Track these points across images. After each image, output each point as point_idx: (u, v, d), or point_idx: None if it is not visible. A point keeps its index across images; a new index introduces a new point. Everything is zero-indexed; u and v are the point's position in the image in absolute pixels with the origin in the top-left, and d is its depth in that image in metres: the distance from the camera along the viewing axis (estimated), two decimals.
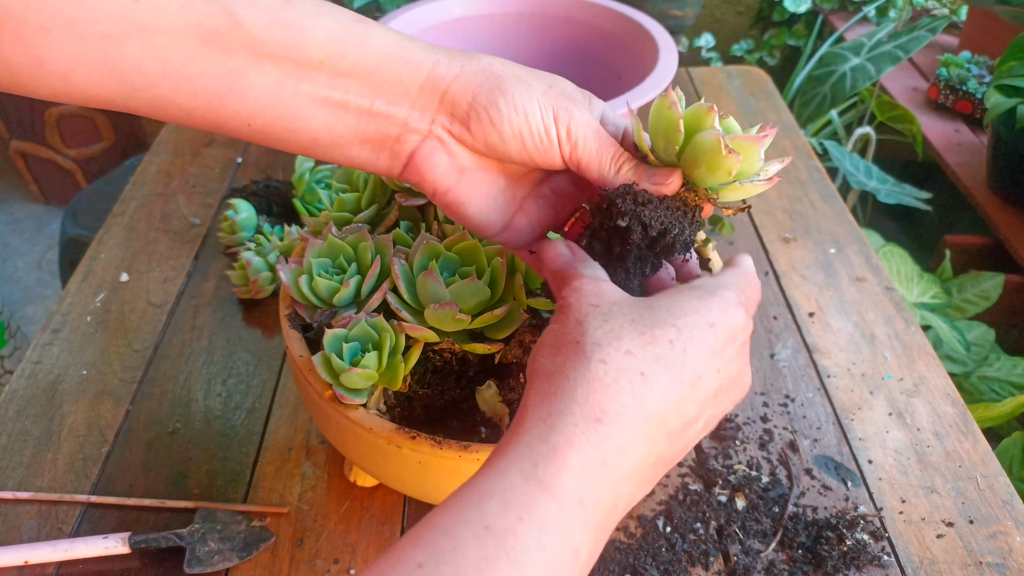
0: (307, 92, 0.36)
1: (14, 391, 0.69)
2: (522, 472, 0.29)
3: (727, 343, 0.34)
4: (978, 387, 1.25)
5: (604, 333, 0.32)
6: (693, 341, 0.33)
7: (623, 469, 0.31)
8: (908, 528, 0.59)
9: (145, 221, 0.90)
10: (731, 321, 0.34)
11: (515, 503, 0.29)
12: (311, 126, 0.37)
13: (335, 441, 0.52)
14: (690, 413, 0.33)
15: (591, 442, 0.30)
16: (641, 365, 0.32)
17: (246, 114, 0.36)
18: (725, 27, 2.53)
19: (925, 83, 1.93)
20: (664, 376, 0.32)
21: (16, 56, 0.32)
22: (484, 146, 0.38)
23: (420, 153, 0.39)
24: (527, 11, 0.93)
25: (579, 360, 0.32)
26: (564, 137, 0.38)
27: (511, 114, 0.37)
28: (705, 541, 0.58)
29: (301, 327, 0.52)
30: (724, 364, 0.34)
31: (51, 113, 2.09)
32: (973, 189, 1.59)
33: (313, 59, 0.35)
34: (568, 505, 0.29)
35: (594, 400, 0.31)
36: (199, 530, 0.57)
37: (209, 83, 0.34)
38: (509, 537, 0.28)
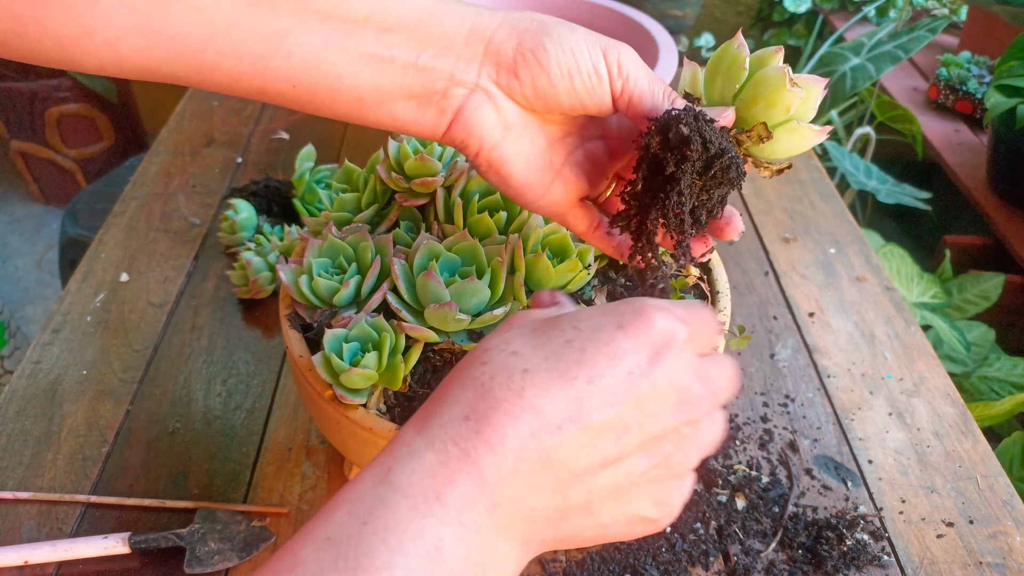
0: (353, 48, 0.35)
1: (14, 391, 0.69)
2: (375, 477, 0.28)
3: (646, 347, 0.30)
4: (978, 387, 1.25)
5: (498, 340, 0.31)
6: (594, 342, 0.29)
7: (496, 464, 0.28)
8: (908, 528, 0.59)
9: (145, 221, 0.90)
10: (649, 324, 0.30)
11: (361, 508, 0.27)
12: (357, 83, 0.36)
13: (335, 441, 0.52)
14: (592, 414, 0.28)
15: (453, 439, 0.28)
16: (525, 363, 0.29)
17: (292, 75, 0.35)
18: (725, 27, 2.53)
19: (925, 83, 1.93)
20: (551, 372, 0.29)
21: (66, 27, 0.32)
22: (532, 92, 0.38)
23: (467, 107, 0.38)
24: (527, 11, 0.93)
25: (463, 367, 0.30)
26: (616, 71, 0.37)
27: (559, 53, 0.37)
28: (705, 541, 0.58)
29: (301, 327, 0.52)
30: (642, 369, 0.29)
31: (51, 113, 2.09)
32: (973, 189, 1.59)
33: (358, 15, 0.35)
34: (421, 502, 0.27)
35: (464, 399, 0.29)
36: (199, 530, 0.57)
37: (254, 45, 0.34)
38: (349, 544, 0.26)
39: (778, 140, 0.38)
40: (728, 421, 0.68)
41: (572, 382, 0.29)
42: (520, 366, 0.29)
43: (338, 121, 0.85)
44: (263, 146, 1.05)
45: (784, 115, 0.37)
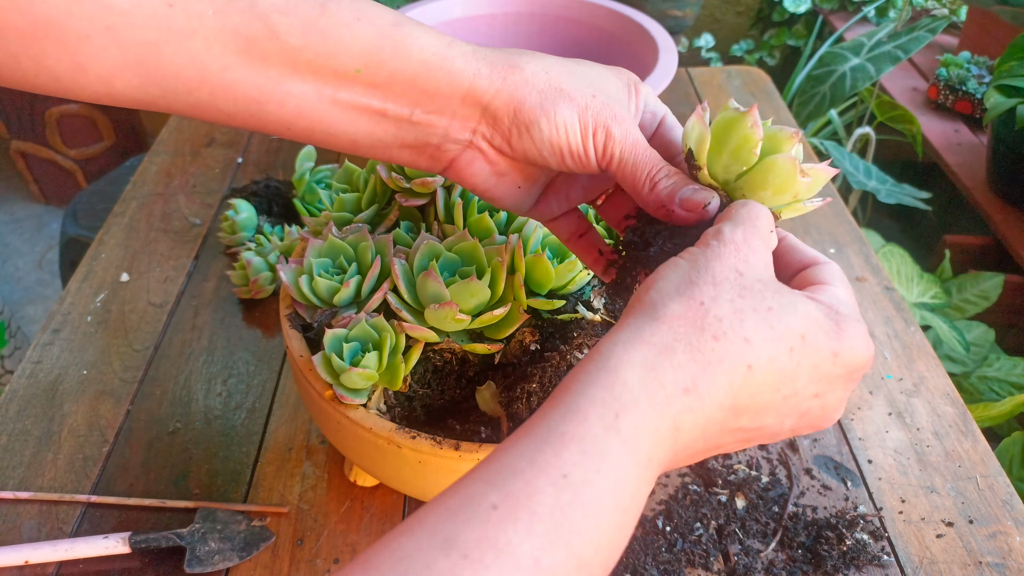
0: (346, 100, 0.36)
1: (14, 391, 0.70)
2: (602, 420, 0.28)
3: (842, 376, 0.33)
4: (978, 387, 1.25)
5: (732, 310, 0.31)
6: (810, 359, 0.32)
7: (688, 441, 0.31)
8: (908, 528, 0.59)
9: (145, 221, 0.90)
10: (857, 358, 0.33)
11: (594, 453, 0.28)
12: (351, 131, 0.37)
13: (335, 441, 0.52)
14: (768, 420, 0.33)
15: (671, 408, 0.29)
16: (752, 358, 0.31)
17: (287, 119, 0.36)
18: (725, 27, 2.53)
19: (925, 83, 1.93)
20: (767, 377, 0.31)
21: (60, 64, 0.32)
22: (523, 159, 0.39)
23: (461, 161, 0.39)
24: (527, 11, 0.94)
25: (694, 323, 0.31)
26: (601, 154, 0.38)
27: (552, 133, 0.37)
28: (705, 541, 0.58)
29: (301, 327, 0.52)
30: (827, 393, 0.33)
31: (51, 113, 2.09)
32: (973, 189, 1.59)
33: (350, 69, 0.35)
34: (640, 462, 0.29)
35: (690, 370, 0.30)
36: (199, 530, 0.57)
37: (248, 90, 0.35)
38: (586, 489, 0.27)
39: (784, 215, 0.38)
40: None
41: (775, 393, 0.32)
42: (747, 359, 0.31)
43: None
44: (263, 146, 1.05)
45: (791, 200, 0.37)
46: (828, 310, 0.33)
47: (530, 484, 0.26)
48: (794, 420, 0.33)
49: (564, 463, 0.27)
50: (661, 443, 0.29)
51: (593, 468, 0.27)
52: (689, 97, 1.18)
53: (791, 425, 0.34)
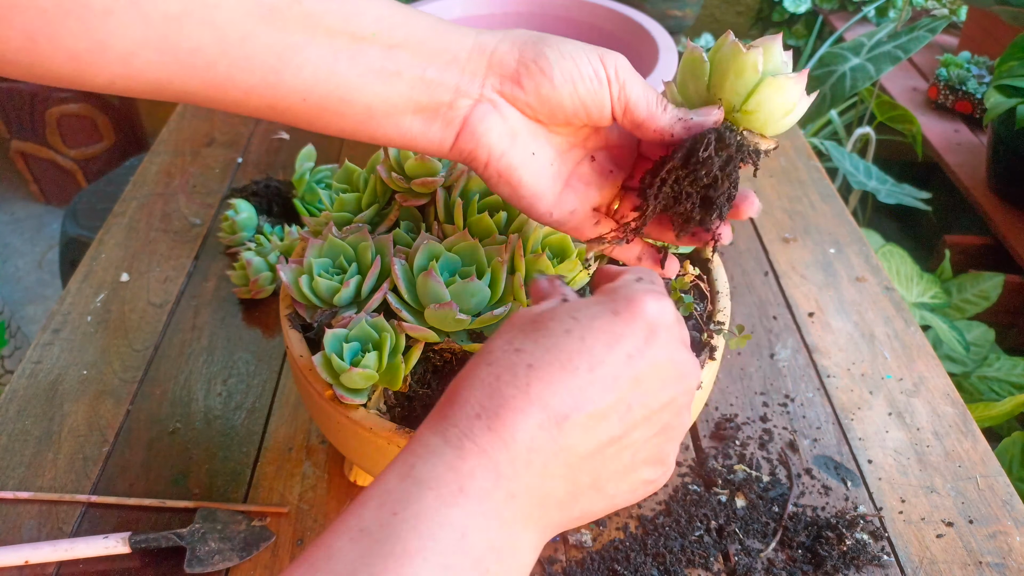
0: (362, 63, 0.37)
1: (14, 391, 0.70)
2: (399, 474, 0.29)
3: (642, 330, 0.32)
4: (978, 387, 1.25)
5: (501, 340, 0.32)
6: (592, 329, 0.31)
7: (510, 457, 0.29)
8: (908, 528, 0.59)
9: (145, 221, 0.90)
10: (641, 308, 0.32)
11: (389, 501, 0.28)
12: (366, 96, 0.38)
13: (335, 441, 0.52)
14: (597, 400, 0.30)
15: (468, 436, 0.29)
16: (529, 358, 0.30)
17: (303, 88, 0.36)
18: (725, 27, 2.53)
19: (925, 83, 1.93)
20: (554, 364, 0.30)
21: (80, 42, 0.32)
22: (537, 99, 0.39)
23: (474, 116, 0.39)
24: (527, 11, 0.94)
25: (470, 369, 0.31)
26: (613, 77, 0.39)
27: (560, 60, 0.38)
28: (705, 541, 0.58)
29: (301, 327, 0.52)
30: (639, 350, 0.31)
31: (51, 113, 2.09)
32: (973, 189, 1.59)
33: (366, 32, 0.36)
34: (445, 493, 0.28)
35: (475, 399, 0.30)
36: (199, 530, 0.57)
37: (267, 59, 0.35)
38: (383, 531, 0.27)
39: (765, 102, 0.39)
40: (728, 421, 0.68)
41: (575, 372, 0.30)
42: (524, 362, 0.30)
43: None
44: (263, 146, 1.05)
45: (755, 75, 0.38)
46: (601, 289, 0.34)
47: (330, 548, 0.27)
48: (638, 395, 0.31)
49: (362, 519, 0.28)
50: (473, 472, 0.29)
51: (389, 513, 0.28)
52: None
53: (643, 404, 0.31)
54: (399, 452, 0.31)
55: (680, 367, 0.33)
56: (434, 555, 0.27)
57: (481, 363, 0.31)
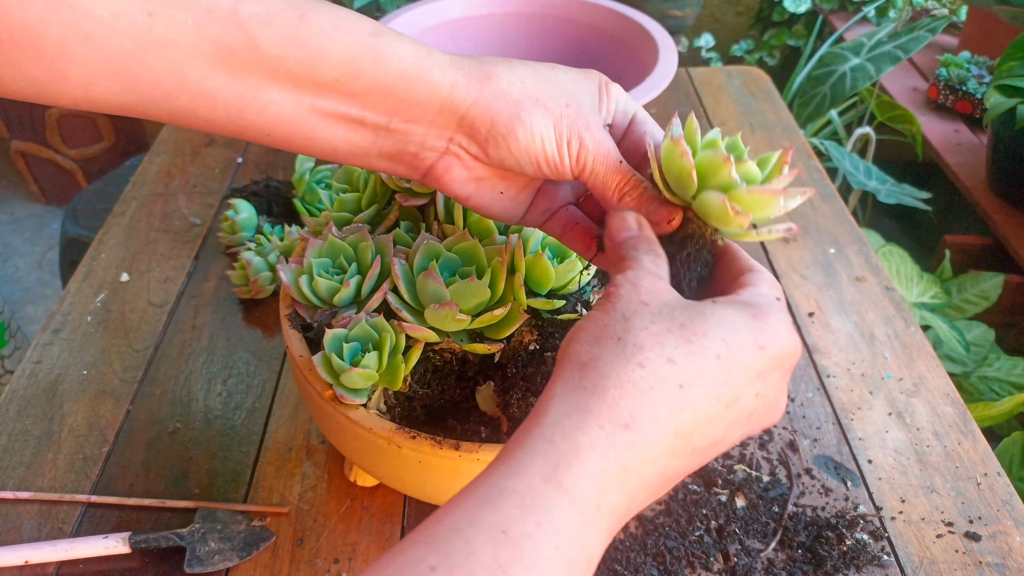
0: (324, 108, 0.36)
1: (14, 391, 0.70)
2: (542, 473, 0.28)
3: (773, 368, 0.33)
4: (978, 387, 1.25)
5: (648, 336, 0.31)
6: (740, 360, 0.32)
7: (642, 479, 0.30)
8: (908, 528, 0.59)
9: (145, 221, 0.90)
10: (783, 347, 0.33)
11: (534, 506, 0.27)
12: (330, 138, 0.38)
13: (335, 441, 0.52)
14: (718, 433, 0.32)
15: (615, 447, 0.29)
16: (681, 376, 0.31)
17: (266, 126, 0.37)
18: (725, 27, 2.53)
19: (925, 83, 1.93)
20: (703, 391, 0.31)
21: (39, 70, 0.32)
22: (500, 166, 0.39)
23: (438, 167, 0.40)
24: (527, 11, 0.94)
25: (617, 358, 0.31)
26: (575, 163, 0.38)
27: (528, 142, 0.37)
28: (705, 541, 0.58)
29: (301, 327, 0.52)
30: (765, 388, 0.33)
31: (51, 113, 2.09)
32: (973, 189, 1.59)
33: (329, 78, 0.35)
34: (587, 510, 0.28)
35: (625, 405, 0.30)
36: (199, 530, 0.57)
37: (228, 98, 0.35)
38: (527, 543, 0.27)
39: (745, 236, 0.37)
40: None
41: (716, 403, 0.31)
42: (676, 379, 0.31)
43: None
44: (263, 146, 1.05)
45: (740, 229, 0.36)
46: (744, 307, 0.33)
47: (469, 543, 0.26)
48: (743, 425, 0.33)
49: (503, 519, 0.27)
50: (609, 487, 0.29)
51: (533, 522, 0.27)
52: (689, 97, 1.18)
53: (742, 431, 0.34)
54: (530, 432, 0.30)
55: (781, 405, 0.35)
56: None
57: (631, 359, 0.31)
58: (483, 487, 0.28)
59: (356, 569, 0.56)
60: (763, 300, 0.34)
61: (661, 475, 0.31)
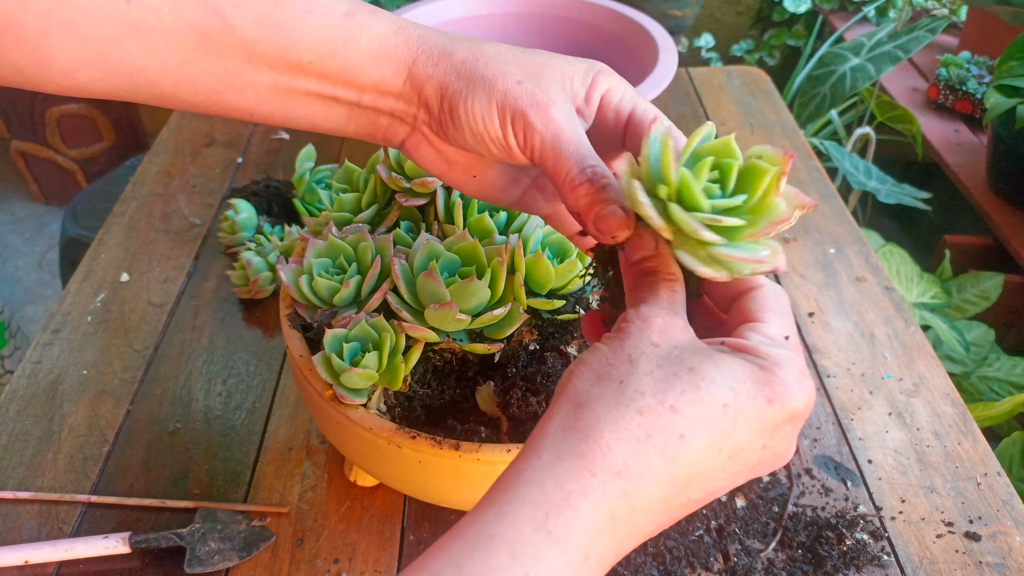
0: (301, 88, 0.37)
1: (14, 391, 0.70)
2: (532, 520, 0.28)
3: (785, 421, 0.31)
4: (978, 387, 1.25)
5: (652, 381, 0.30)
6: (746, 413, 0.30)
7: (631, 526, 0.29)
8: (908, 528, 0.59)
9: (145, 221, 0.90)
10: (794, 402, 0.31)
11: (523, 555, 0.27)
12: (308, 115, 0.39)
13: (335, 441, 0.52)
14: (718, 483, 0.31)
15: (606, 496, 0.28)
16: (684, 426, 0.29)
17: (247, 106, 0.38)
18: (725, 27, 2.53)
19: (925, 83, 1.93)
20: (705, 441, 0.29)
21: (22, 58, 0.33)
22: (462, 146, 0.39)
23: (409, 144, 0.40)
24: (527, 11, 0.94)
25: (616, 402, 0.29)
26: (522, 144, 0.36)
27: (469, 121, 0.36)
28: (705, 541, 0.58)
29: (301, 327, 0.52)
30: (774, 441, 0.31)
31: (51, 113, 2.09)
32: (973, 189, 1.59)
33: (303, 60, 0.36)
34: (576, 560, 0.28)
35: (619, 452, 0.29)
36: (199, 530, 0.57)
37: (208, 82, 0.36)
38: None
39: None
40: None
41: (717, 455, 0.30)
42: (677, 429, 0.29)
43: None
44: (263, 146, 1.05)
45: (718, 274, 0.32)
46: (755, 358, 0.32)
47: None
48: (747, 473, 0.32)
49: (491, 568, 0.27)
50: (599, 536, 0.28)
51: (521, 572, 0.27)
52: (689, 97, 1.18)
53: (745, 478, 0.32)
54: (520, 474, 0.29)
55: (790, 449, 0.33)
56: None
57: (630, 405, 0.29)
58: (472, 531, 0.28)
59: (356, 569, 0.56)
60: (770, 348, 0.32)
61: (651, 521, 0.30)
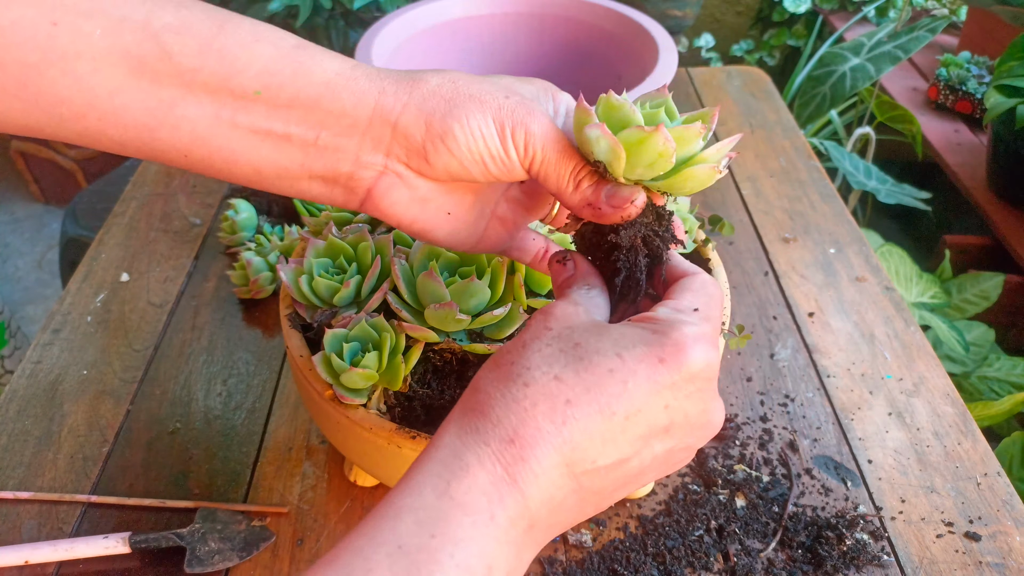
0: (245, 124, 0.34)
1: (14, 391, 0.70)
2: (435, 489, 0.29)
3: (684, 381, 0.31)
4: (978, 387, 1.25)
5: (540, 358, 0.31)
6: (637, 374, 0.30)
7: (537, 492, 0.30)
8: (908, 528, 0.59)
9: (145, 221, 0.90)
10: (688, 359, 0.31)
11: (428, 520, 0.28)
12: (253, 159, 0.35)
13: (335, 441, 0.52)
14: (624, 448, 0.31)
15: (501, 462, 0.30)
16: (569, 392, 0.30)
17: (182, 146, 0.34)
18: (725, 27, 2.53)
19: (925, 83, 1.93)
20: (592, 405, 0.30)
21: None
22: (446, 175, 0.37)
23: (378, 189, 0.37)
24: (527, 11, 0.94)
25: (504, 380, 0.31)
26: (522, 153, 0.36)
27: (468, 140, 0.35)
28: (705, 541, 0.58)
29: (301, 327, 0.52)
30: (677, 401, 0.31)
31: None
32: (973, 189, 1.59)
33: (248, 90, 0.33)
34: (480, 522, 0.29)
35: (508, 422, 0.30)
36: (199, 530, 0.57)
37: (139, 115, 0.33)
38: (422, 555, 0.27)
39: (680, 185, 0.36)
40: (728, 421, 0.68)
41: (611, 417, 0.30)
42: (563, 395, 0.30)
43: None
44: None
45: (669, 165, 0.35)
46: (647, 322, 0.32)
47: (368, 560, 0.27)
48: (664, 439, 0.32)
49: (400, 535, 0.28)
50: (502, 499, 0.29)
51: (427, 534, 0.28)
52: (689, 97, 1.18)
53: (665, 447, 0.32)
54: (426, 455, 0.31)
55: (709, 415, 0.33)
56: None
57: (517, 380, 0.31)
58: (383, 507, 0.29)
59: None
60: (671, 315, 0.33)
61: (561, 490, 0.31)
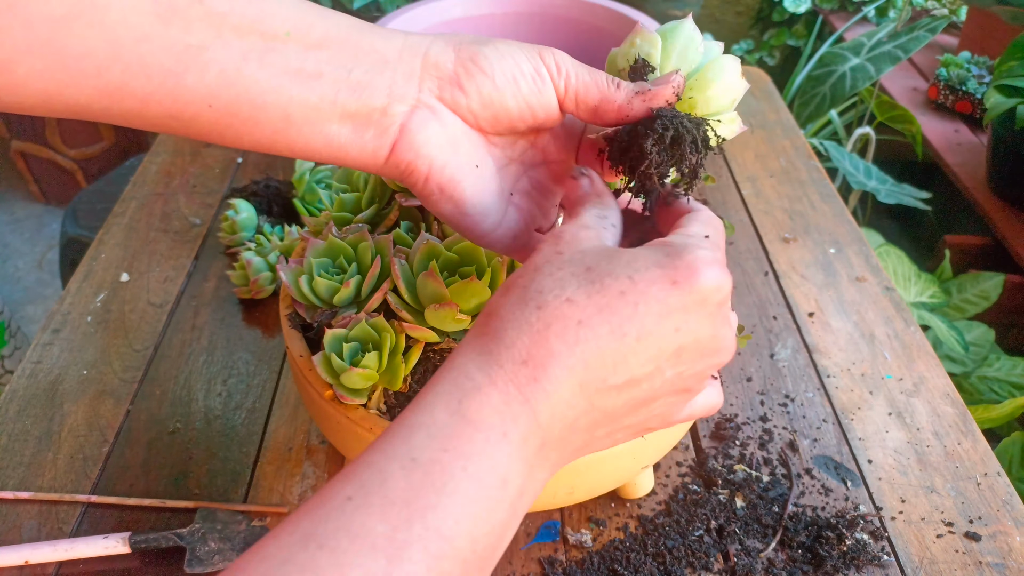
0: (276, 63, 0.33)
1: (14, 391, 0.70)
2: (447, 407, 0.30)
3: (696, 304, 0.31)
4: (978, 387, 1.25)
5: (552, 281, 0.31)
6: (648, 296, 0.31)
7: (550, 411, 0.30)
8: (908, 528, 0.59)
9: (145, 221, 0.90)
10: (701, 281, 0.31)
11: (440, 435, 0.29)
12: (282, 100, 0.34)
13: (335, 441, 0.52)
14: (636, 369, 0.31)
15: (514, 381, 0.30)
16: (580, 314, 0.30)
17: (207, 93, 0.33)
18: (725, 27, 2.53)
19: (925, 83, 1.93)
20: (604, 327, 0.30)
21: None
22: (480, 102, 0.36)
23: (412, 124, 0.36)
24: (527, 11, 0.94)
25: (517, 304, 0.31)
26: (555, 71, 0.37)
27: (499, 60, 0.36)
28: (705, 541, 0.58)
29: (301, 327, 0.52)
30: (688, 324, 0.31)
31: None
32: (973, 189, 1.59)
33: (279, 31, 0.33)
34: (492, 437, 0.29)
35: (521, 344, 0.30)
36: (199, 530, 0.57)
37: (166, 62, 0.32)
38: (435, 467, 0.28)
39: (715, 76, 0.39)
40: (728, 422, 0.68)
41: (622, 338, 0.31)
42: (575, 316, 0.30)
43: None
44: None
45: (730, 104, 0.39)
46: (661, 246, 0.32)
47: (382, 472, 0.28)
48: (674, 365, 0.32)
49: (413, 449, 0.29)
50: (516, 418, 0.30)
51: (440, 448, 0.29)
52: None
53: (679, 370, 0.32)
54: (439, 376, 0.31)
55: (721, 341, 0.33)
56: (481, 497, 0.29)
57: (529, 303, 0.31)
58: (395, 426, 0.30)
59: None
60: (683, 239, 0.33)
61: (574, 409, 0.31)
